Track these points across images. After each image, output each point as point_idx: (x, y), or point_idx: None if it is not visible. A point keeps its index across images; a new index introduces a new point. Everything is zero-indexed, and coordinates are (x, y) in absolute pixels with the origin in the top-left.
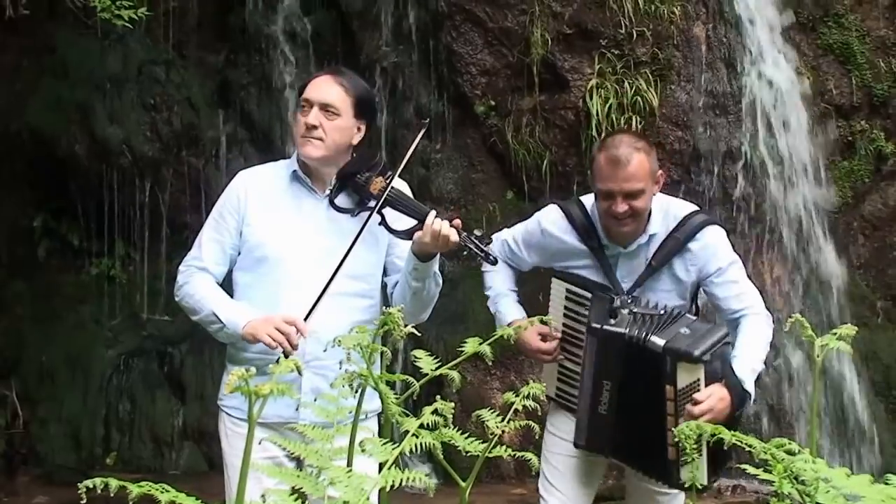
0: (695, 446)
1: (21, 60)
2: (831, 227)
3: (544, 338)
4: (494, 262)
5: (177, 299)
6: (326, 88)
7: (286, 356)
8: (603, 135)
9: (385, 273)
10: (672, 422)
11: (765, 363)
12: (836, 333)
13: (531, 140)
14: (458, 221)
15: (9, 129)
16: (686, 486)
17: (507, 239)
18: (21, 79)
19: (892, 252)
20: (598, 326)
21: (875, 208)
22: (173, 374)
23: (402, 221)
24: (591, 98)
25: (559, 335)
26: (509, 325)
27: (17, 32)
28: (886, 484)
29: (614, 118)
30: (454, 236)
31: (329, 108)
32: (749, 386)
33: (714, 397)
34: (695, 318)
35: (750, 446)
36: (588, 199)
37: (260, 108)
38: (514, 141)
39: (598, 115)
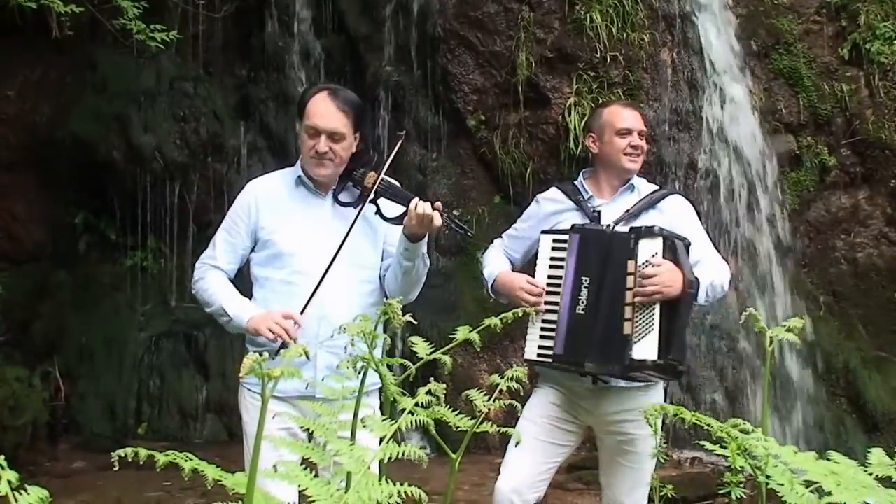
0: (648, 317)
1: (66, 76)
2: (780, 230)
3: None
4: (472, 236)
5: (193, 292)
6: (331, 117)
7: (286, 346)
8: (580, 148)
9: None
10: (630, 296)
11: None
12: (784, 326)
13: (516, 151)
14: (438, 204)
15: (55, 136)
16: (636, 364)
17: (505, 232)
18: (66, 92)
19: (834, 253)
20: (581, 225)
21: (819, 214)
22: (198, 354)
23: (395, 209)
24: (570, 114)
25: (545, 287)
26: (495, 280)
27: (63, 51)
28: (828, 460)
29: None
30: (437, 218)
31: (335, 135)
32: (701, 278)
33: (666, 266)
34: None
35: (708, 425)
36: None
37: (277, 120)
38: (501, 151)
39: (575, 129)
